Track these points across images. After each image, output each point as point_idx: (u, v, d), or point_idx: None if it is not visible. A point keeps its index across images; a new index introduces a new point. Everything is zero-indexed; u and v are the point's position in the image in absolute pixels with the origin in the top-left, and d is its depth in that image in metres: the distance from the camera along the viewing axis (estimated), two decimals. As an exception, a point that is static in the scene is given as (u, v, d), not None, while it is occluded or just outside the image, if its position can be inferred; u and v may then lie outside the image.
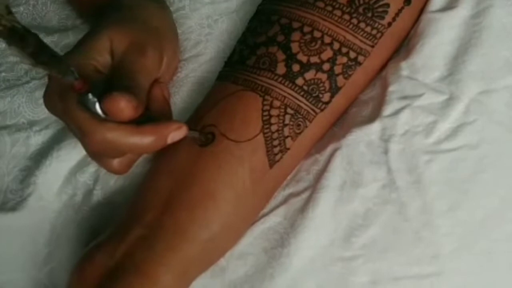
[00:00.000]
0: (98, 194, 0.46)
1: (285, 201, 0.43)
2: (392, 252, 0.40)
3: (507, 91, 0.42)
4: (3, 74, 0.52)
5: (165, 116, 0.42)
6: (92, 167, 0.47)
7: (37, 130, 0.49)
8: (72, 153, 0.47)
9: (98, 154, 0.40)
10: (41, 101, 0.49)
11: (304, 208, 0.42)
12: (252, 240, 0.42)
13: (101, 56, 0.40)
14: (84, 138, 0.38)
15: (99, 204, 0.46)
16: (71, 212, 0.47)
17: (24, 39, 0.31)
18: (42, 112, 0.50)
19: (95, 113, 0.36)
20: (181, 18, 0.50)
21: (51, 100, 0.40)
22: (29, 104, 0.50)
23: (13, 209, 0.47)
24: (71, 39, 0.52)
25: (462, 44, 0.44)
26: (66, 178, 0.47)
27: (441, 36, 0.44)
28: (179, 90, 0.48)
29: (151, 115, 0.40)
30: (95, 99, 0.36)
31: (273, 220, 0.42)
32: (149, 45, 0.42)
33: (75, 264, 0.41)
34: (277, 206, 0.43)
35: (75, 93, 0.36)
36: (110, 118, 0.36)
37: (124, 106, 0.35)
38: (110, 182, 0.46)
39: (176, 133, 0.39)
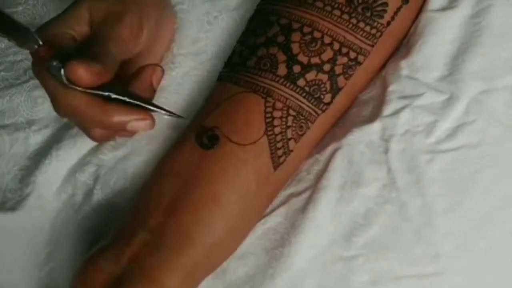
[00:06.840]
0: (98, 194, 0.46)
1: (285, 201, 0.43)
2: (392, 251, 0.40)
3: (507, 91, 0.42)
4: (2, 73, 0.52)
5: (145, 97, 0.42)
6: (92, 167, 0.47)
7: (36, 130, 0.49)
8: (71, 153, 0.47)
9: (67, 118, 0.41)
10: (40, 100, 0.50)
11: (304, 208, 0.42)
12: (253, 240, 0.42)
13: (79, 26, 0.41)
14: (52, 102, 0.39)
15: (99, 204, 0.46)
16: (71, 212, 0.47)
17: None
18: (41, 111, 0.50)
19: (60, 80, 0.38)
20: (180, 12, 0.50)
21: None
22: (28, 103, 0.50)
23: (13, 208, 0.47)
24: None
25: (462, 44, 0.44)
26: (65, 178, 0.47)
27: (441, 35, 0.44)
28: (180, 89, 0.48)
29: (131, 91, 0.40)
30: (60, 66, 0.37)
31: (274, 220, 0.42)
32: (127, 12, 0.42)
33: (77, 269, 0.40)
34: (277, 206, 0.43)
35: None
36: (74, 86, 0.38)
37: (82, 73, 0.37)
38: (110, 182, 0.46)
39: (138, 123, 0.40)
